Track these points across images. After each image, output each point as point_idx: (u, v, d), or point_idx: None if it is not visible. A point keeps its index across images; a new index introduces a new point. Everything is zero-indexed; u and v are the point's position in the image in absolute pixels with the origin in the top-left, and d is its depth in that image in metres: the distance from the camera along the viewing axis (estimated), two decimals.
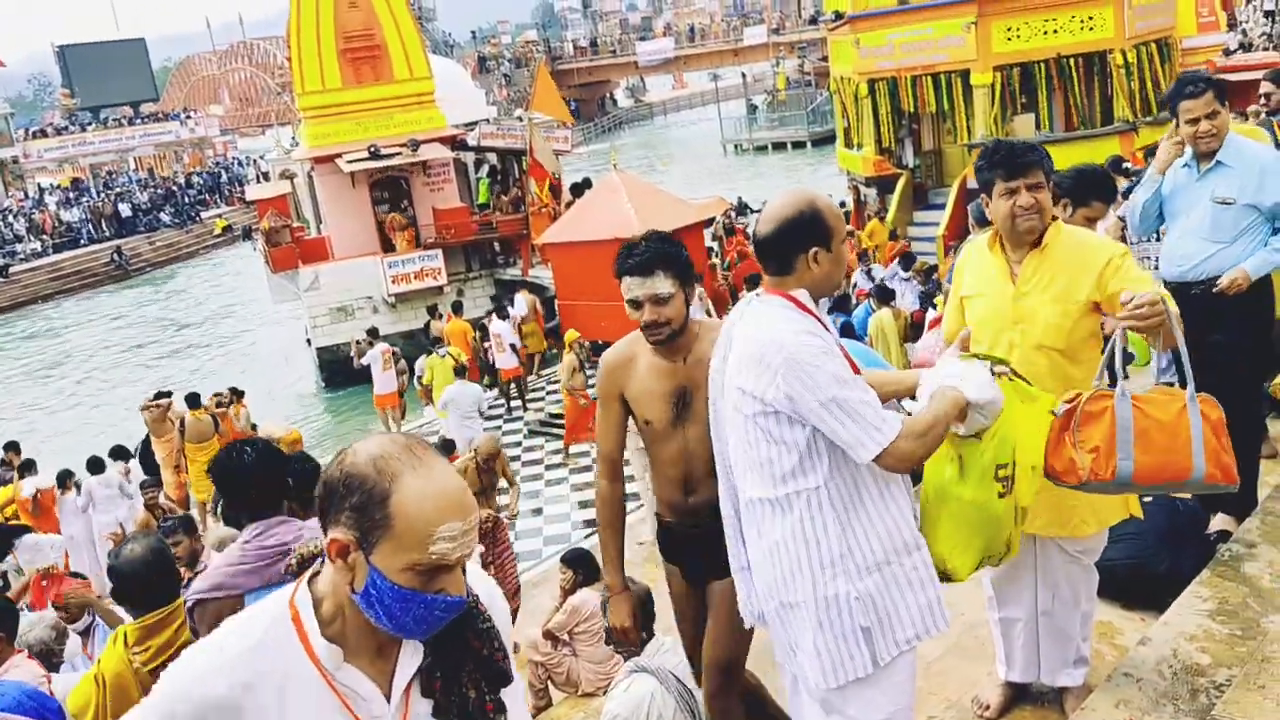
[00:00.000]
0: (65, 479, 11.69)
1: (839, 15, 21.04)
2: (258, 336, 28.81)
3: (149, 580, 3.38)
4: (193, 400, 13.14)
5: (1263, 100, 6.76)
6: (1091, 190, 4.24)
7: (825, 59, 29.72)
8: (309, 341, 22.90)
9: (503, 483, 9.92)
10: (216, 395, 13.85)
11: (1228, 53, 20.94)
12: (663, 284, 3.05)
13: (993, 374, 2.61)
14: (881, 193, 20.52)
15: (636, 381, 3.24)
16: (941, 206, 18.45)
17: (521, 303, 18.08)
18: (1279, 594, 3.59)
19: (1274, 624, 3.43)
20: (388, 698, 1.61)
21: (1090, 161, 6.36)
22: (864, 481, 2.47)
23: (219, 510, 8.72)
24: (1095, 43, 17.95)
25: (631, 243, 3.14)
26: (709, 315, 15.68)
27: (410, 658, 1.63)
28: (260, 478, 3.16)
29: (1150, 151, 6.97)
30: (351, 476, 1.50)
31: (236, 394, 14.06)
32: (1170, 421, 2.76)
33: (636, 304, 3.09)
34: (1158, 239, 4.96)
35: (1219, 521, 4.46)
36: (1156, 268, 4.69)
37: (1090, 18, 17.87)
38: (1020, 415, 2.67)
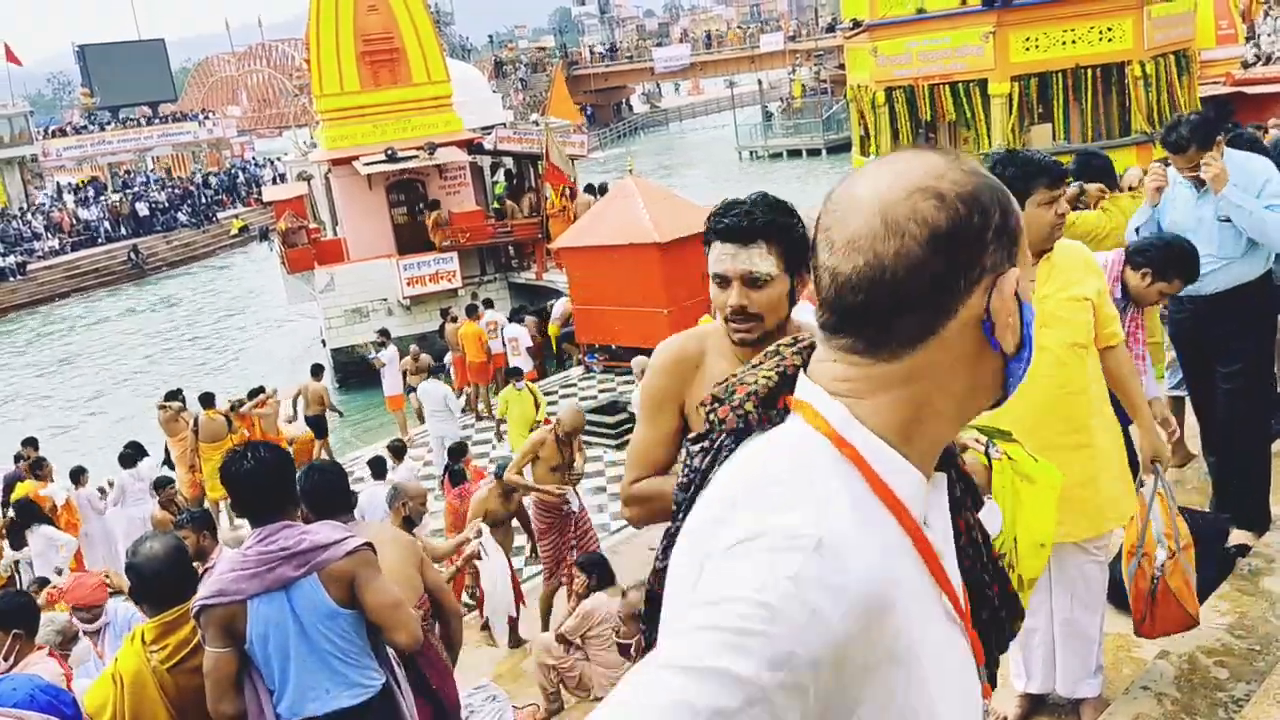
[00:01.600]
0: (78, 475, 11.72)
1: (857, 23, 20.99)
2: (272, 337, 28.89)
3: (167, 578, 3.39)
4: (206, 400, 13.18)
5: None
6: (1176, 267, 4.13)
7: (842, 66, 29.64)
8: (324, 343, 22.97)
9: None
10: (238, 399, 13.88)
11: (1246, 65, 20.79)
12: (763, 261, 2.25)
13: (990, 457, 2.56)
14: None
15: (704, 390, 2.46)
16: None
17: (559, 309, 18.48)
18: None
19: None
20: None
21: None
22: None
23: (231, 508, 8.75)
24: (1114, 54, 17.88)
25: (732, 200, 2.37)
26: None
27: (939, 482, 1.11)
28: (264, 483, 3.17)
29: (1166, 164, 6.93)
30: (971, 196, 1.02)
31: (253, 394, 14.04)
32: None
33: (723, 281, 2.29)
34: None
35: (1238, 536, 4.45)
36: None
37: (1109, 29, 17.80)
38: (1023, 496, 2.66)
